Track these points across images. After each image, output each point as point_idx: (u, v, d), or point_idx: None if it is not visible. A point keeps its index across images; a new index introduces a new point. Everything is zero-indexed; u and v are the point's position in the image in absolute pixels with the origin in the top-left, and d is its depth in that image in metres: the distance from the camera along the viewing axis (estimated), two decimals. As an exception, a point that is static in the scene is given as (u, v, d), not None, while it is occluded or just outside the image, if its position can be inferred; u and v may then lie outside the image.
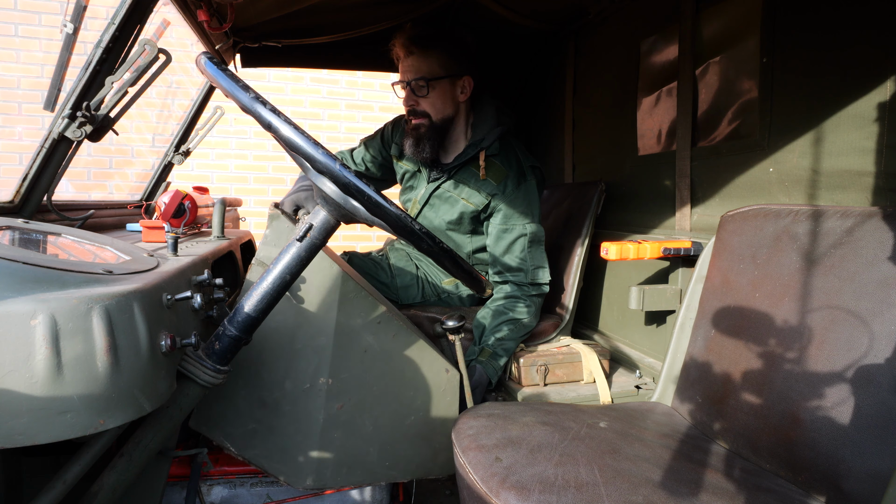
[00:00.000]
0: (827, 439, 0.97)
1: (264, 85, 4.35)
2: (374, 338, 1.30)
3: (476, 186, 1.87)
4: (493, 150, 1.87)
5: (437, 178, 1.96)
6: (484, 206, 1.86)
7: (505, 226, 1.83)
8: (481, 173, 1.85)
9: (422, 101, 1.84)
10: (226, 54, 2.13)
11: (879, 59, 1.12)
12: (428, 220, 2.00)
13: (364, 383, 1.30)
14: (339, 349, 1.27)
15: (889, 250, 0.98)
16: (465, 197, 1.88)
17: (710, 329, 1.29)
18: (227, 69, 0.87)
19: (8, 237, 1.01)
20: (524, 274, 1.81)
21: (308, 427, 1.26)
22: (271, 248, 1.26)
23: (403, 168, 2.08)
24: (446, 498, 1.82)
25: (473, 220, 1.91)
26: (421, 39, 1.79)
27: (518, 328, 1.75)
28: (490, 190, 1.84)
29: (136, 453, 0.94)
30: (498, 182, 1.83)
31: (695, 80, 1.66)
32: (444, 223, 1.95)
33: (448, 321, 1.43)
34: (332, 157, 0.85)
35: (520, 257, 1.81)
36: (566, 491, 0.89)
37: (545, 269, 1.85)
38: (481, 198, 1.85)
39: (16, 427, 0.67)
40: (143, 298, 0.80)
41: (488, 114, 1.91)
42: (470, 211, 1.88)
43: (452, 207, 1.92)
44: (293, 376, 1.25)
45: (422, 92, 1.83)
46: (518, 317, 1.76)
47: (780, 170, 1.36)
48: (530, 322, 1.79)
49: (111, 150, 4.05)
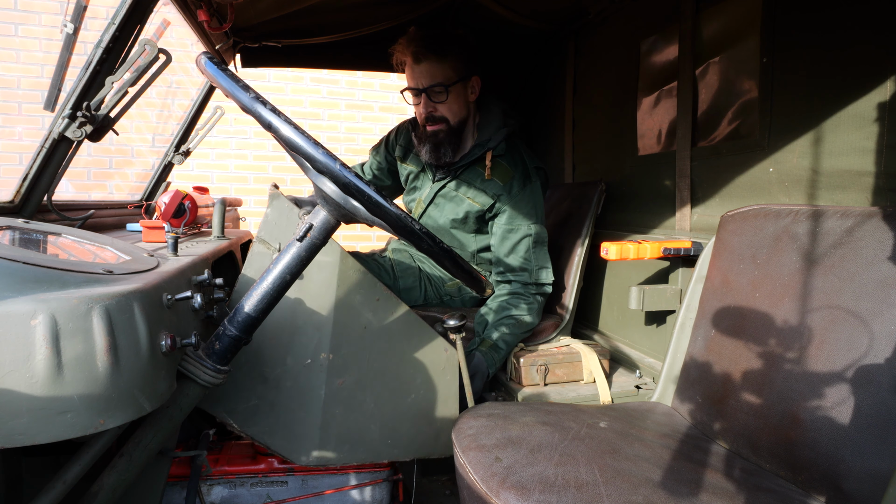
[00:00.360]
0: (827, 439, 0.97)
1: (264, 85, 4.36)
2: (374, 315, 1.31)
3: (482, 186, 1.87)
4: (499, 150, 1.88)
5: (442, 177, 1.96)
6: (489, 206, 1.87)
7: (510, 226, 1.84)
8: (487, 173, 1.86)
9: (439, 107, 1.84)
10: (226, 54, 2.13)
11: (879, 59, 1.12)
12: (433, 218, 2.01)
13: (364, 360, 1.31)
14: (338, 325, 1.28)
15: (889, 250, 0.98)
16: (472, 197, 1.89)
17: (710, 329, 1.29)
18: (227, 69, 0.87)
19: (8, 237, 1.01)
20: (528, 274, 1.82)
21: (310, 403, 1.26)
22: (272, 227, 1.27)
23: (407, 169, 2.09)
24: (446, 498, 1.82)
25: (478, 219, 1.92)
26: (434, 45, 1.78)
27: (519, 325, 1.76)
28: (496, 190, 1.85)
29: (136, 453, 0.94)
30: (504, 182, 1.84)
31: (695, 80, 1.66)
32: (449, 221, 1.96)
33: (449, 320, 1.43)
34: (332, 157, 0.85)
35: (524, 257, 1.82)
36: (566, 491, 0.89)
37: (548, 269, 1.86)
38: (487, 198, 1.86)
39: (16, 427, 0.67)
40: (143, 298, 0.80)
41: (495, 115, 1.92)
42: (475, 210, 1.89)
43: (458, 207, 1.93)
44: (294, 352, 1.26)
45: (440, 98, 1.83)
46: (520, 315, 1.77)
47: (780, 170, 1.36)
48: (532, 321, 1.80)
49: (111, 150, 4.05)
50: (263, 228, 1.27)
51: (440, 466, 1.90)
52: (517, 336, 1.75)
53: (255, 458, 1.40)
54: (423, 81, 1.81)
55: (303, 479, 1.41)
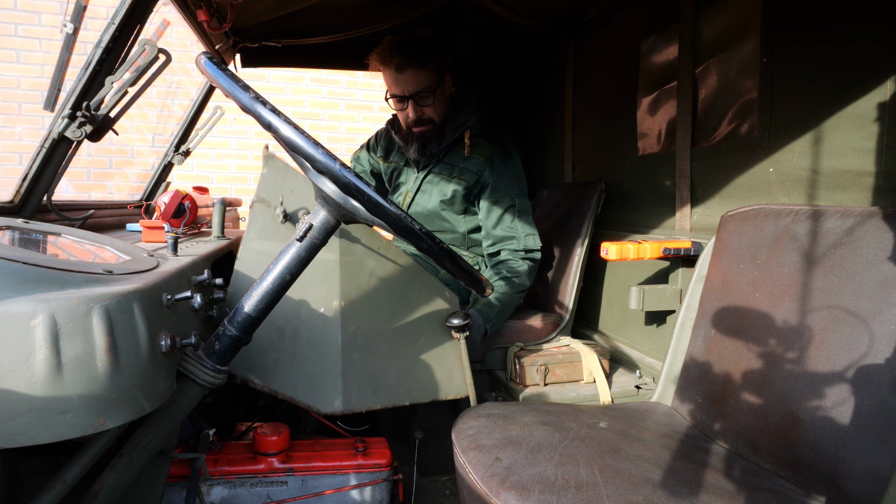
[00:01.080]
0: (827, 439, 0.97)
1: (264, 85, 4.35)
2: (377, 261, 1.37)
3: (465, 165, 1.97)
4: (476, 129, 1.99)
5: (426, 165, 2.06)
6: (474, 182, 1.96)
7: (494, 199, 1.94)
8: (466, 151, 1.96)
9: (426, 110, 1.94)
10: (226, 54, 2.13)
11: (880, 59, 1.12)
12: (421, 205, 2.08)
13: (375, 305, 1.37)
14: (346, 271, 1.32)
15: (889, 250, 0.98)
16: (457, 175, 1.99)
17: (710, 329, 1.29)
18: (227, 69, 0.87)
19: (8, 237, 1.01)
20: (516, 241, 1.92)
21: (328, 350, 1.31)
22: (269, 187, 1.30)
23: (391, 166, 2.19)
24: (446, 498, 1.82)
25: (465, 198, 2.00)
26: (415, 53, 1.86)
27: (513, 286, 1.85)
28: (479, 167, 1.94)
29: (136, 453, 0.94)
30: (485, 158, 1.94)
31: (695, 80, 1.66)
32: (438, 203, 2.03)
33: (453, 319, 1.43)
34: (332, 157, 0.85)
35: (510, 226, 1.92)
36: (566, 491, 0.89)
37: (535, 235, 1.94)
38: (471, 174, 1.96)
39: (16, 427, 0.67)
40: (143, 298, 0.80)
41: (469, 102, 2.04)
42: (462, 188, 1.97)
43: (445, 188, 2.01)
44: (306, 302, 1.30)
45: (426, 101, 1.92)
46: (511, 275, 1.86)
47: (780, 170, 1.36)
48: (523, 281, 1.88)
49: (111, 150, 4.05)
50: (261, 189, 1.30)
51: (440, 466, 1.90)
52: (511, 296, 1.83)
53: (255, 459, 1.40)
54: (409, 88, 1.89)
55: (303, 479, 1.41)
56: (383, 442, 1.52)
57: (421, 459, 1.80)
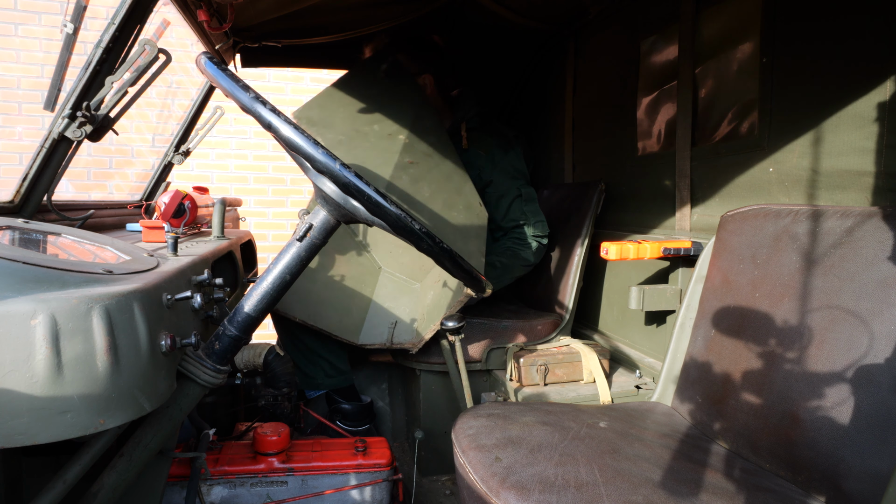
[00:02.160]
0: (827, 439, 0.97)
1: (264, 85, 4.35)
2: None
3: (464, 157, 2.00)
4: (472, 123, 2.04)
5: None
6: (475, 178, 1.99)
7: (500, 192, 1.99)
8: (464, 143, 2.01)
9: None
10: (226, 54, 2.13)
11: (880, 59, 1.12)
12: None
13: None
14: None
15: (889, 250, 0.98)
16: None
17: (710, 329, 1.29)
18: (227, 69, 0.87)
19: (8, 237, 1.01)
20: (524, 228, 1.98)
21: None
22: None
23: None
24: (446, 498, 1.82)
25: None
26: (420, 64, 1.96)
27: (516, 256, 1.91)
28: (480, 162, 1.98)
29: (136, 453, 0.94)
30: (486, 153, 1.99)
31: (695, 80, 1.66)
32: None
33: (448, 321, 1.43)
34: (332, 157, 0.85)
35: (519, 216, 1.98)
36: (566, 491, 0.89)
37: (543, 222, 1.99)
38: (472, 169, 1.99)
39: (16, 427, 0.67)
40: (143, 298, 0.80)
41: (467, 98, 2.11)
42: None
43: None
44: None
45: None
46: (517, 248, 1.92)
47: (780, 170, 1.36)
48: (528, 255, 1.94)
49: (111, 150, 4.05)
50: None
51: (440, 466, 1.90)
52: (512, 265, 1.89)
53: (255, 458, 1.40)
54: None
55: (303, 479, 1.41)
56: (383, 442, 1.52)
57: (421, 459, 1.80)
